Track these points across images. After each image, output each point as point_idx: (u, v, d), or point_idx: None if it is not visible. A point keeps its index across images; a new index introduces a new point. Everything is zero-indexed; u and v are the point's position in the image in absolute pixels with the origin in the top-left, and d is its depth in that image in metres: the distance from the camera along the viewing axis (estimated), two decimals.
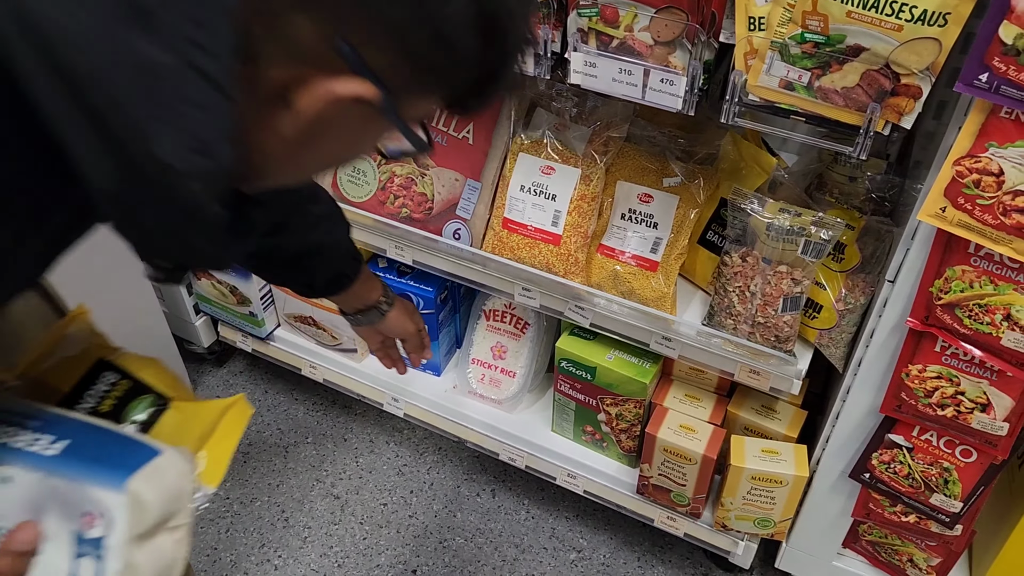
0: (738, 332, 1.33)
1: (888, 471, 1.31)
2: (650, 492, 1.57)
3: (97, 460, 0.68)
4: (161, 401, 0.79)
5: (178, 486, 0.69)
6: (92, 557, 0.66)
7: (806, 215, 1.23)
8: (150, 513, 0.67)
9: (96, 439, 0.70)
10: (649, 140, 1.45)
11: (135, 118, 0.48)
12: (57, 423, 0.70)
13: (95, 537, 0.66)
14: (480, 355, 1.72)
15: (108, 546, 0.66)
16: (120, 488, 0.66)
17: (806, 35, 0.96)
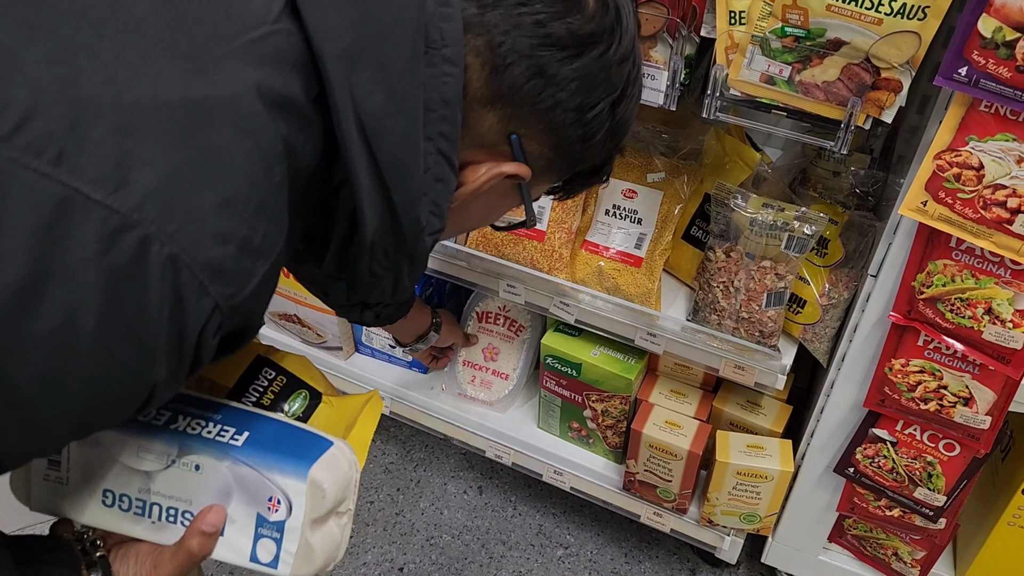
0: (722, 328, 1.33)
1: (872, 465, 1.31)
2: (636, 488, 1.57)
3: (279, 450, 0.74)
4: (315, 395, 0.87)
5: (348, 474, 0.75)
6: (271, 539, 0.73)
7: (789, 210, 1.23)
8: (327, 499, 0.72)
9: (274, 431, 0.76)
10: (632, 135, 1.44)
11: (410, 191, 0.65)
12: (235, 416, 0.77)
13: (276, 520, 0.73)
14: (471, 357, 1.71)
15: (288, 528, 0.73)
16: (303, 476, 0.72)
17: (786, 29, 0.96)
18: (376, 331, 1.76)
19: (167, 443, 0.74)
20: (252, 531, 0.74)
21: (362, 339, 1.81)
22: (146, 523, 0.75)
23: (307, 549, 0.73)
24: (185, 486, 0.74)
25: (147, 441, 0.74)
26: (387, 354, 1.80)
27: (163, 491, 0.74)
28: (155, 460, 0.74)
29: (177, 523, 0.74)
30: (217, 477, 0.73)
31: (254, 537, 0.74)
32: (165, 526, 0.74)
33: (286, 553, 0.73)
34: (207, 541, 0.72)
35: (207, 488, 0.74)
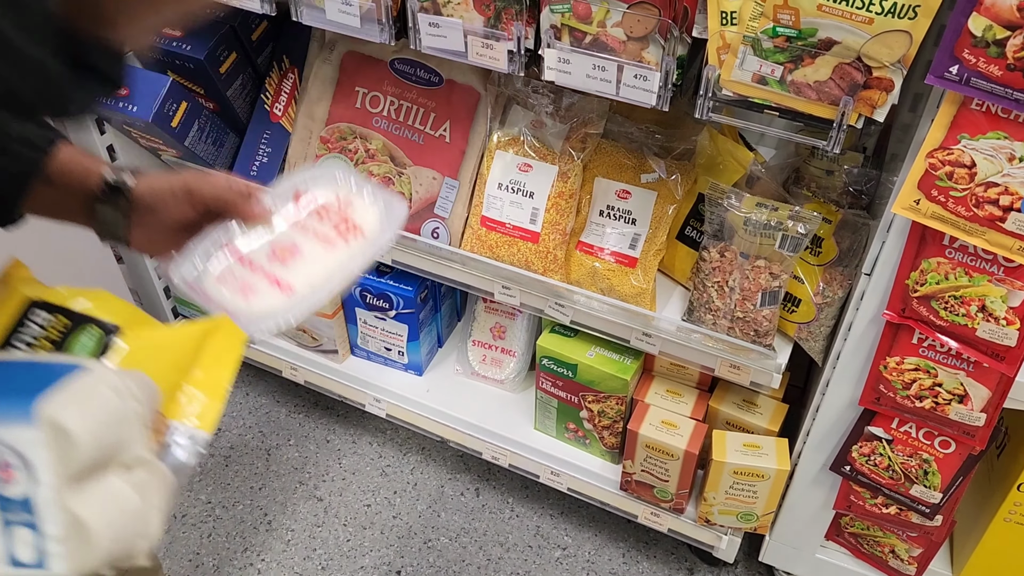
0: (718, 327, 1.33)
1: (868, 463, 1.31)
2: (633, 488, 1.57)
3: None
4: (110, 330, 0.63)
5: (115, 407, 0.54)
6: (24, 525, 0.51)
7: (783, 209, 1.23)
8: (80, 445, 0.51)
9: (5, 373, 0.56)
10: (626, 136, 1.44)
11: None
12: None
13: (20, 497, 0.51)
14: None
15: (39, 503, 0.51)
16: (28, 417, 0.50)
17: (778, 29, 0.96)
18: (371, 334, 1.76)
19: None
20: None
21: (358, 342, 1.81)
22: None
23: (79, 527, 0.51)
24: None
25: None
26: (382, 357, 1.80)
27: None
28: None
29: None
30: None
31: (2, 528, 0.52)
32: None
33: (51, 542, 0.51)
34: None
35: None
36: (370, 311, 1.72)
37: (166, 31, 1.53)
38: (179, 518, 1.78)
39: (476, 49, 1.16)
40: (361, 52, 1.51)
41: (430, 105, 1.48)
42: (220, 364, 0.59)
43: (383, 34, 1.20)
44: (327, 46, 1.54)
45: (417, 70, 1.47)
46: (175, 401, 0.63)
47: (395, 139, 1.50)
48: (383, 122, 1.50)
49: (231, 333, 0.63)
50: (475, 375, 1.76)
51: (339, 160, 1.53)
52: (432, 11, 1.15)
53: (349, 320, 1.77)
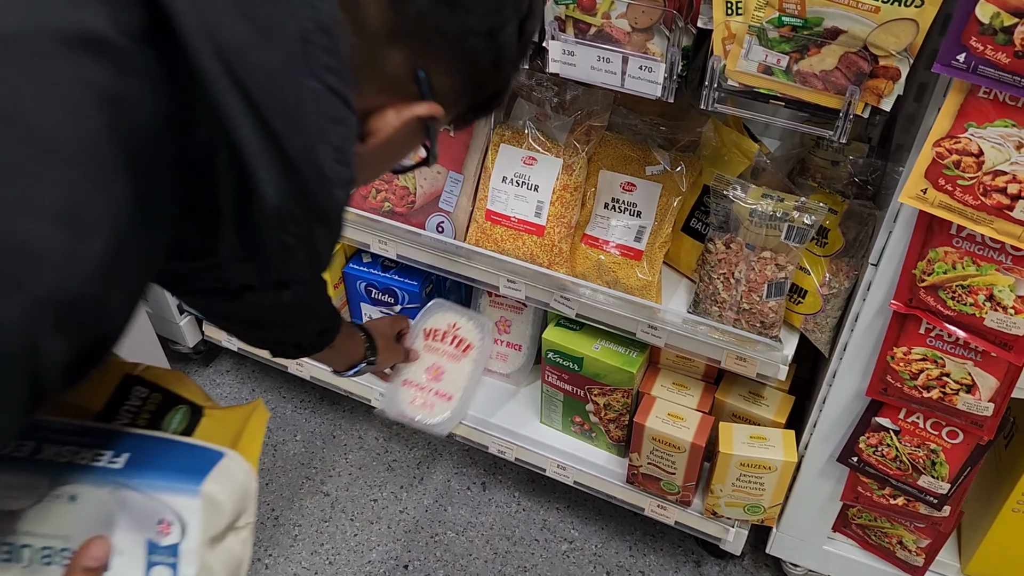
0: (724, 319, 1.33)
1: (876, 454, 1.31)
2: (640, 481, 1.57)
3: (164, 468, 0.68)
4: (196, 410, 0.79)
5: (244, 485, 0.70)
6: (165, 565, 0.66)
7: (789, 200, 1.23)
8: (224, 514, 0.67)
9: (155, 448, 0.70)
10: (631, 128, 1.44)
11: (306, 138, 0.54)
12: (111, 437, 0.69)
13: (169, 544, 0.66)
14: (412, 377, 1.53)
15: (183, 552, 0.66)
16: (195, 492, 0.66)
17: (784, 19, 0.96)
18: None
19: (34, 475, 0.66)
20: (143, 560, 0.66)
21: None
22: (15, 569, 0.66)
23: (208, 572, 0.67)
24: (60, 521, 0.65)
25: (9, 476, 0.66)
26: None
27: (34, 530, 0.65)
28: (21, 497, 0.65)
29: (53, 564, 0.66)
30: (97, 506, 0.66)
31: (146, 567, 0.66)
32: (39, 569, 0.66)
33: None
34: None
35: (86, 519, 0.65)
36: (375, 306, 1.72)
37: None
38: None
39: None
40: None
41: None
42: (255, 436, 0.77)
43: None
44: None
45: None
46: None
47: None
48: None
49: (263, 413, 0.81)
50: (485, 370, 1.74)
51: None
52: None
53: (354, 316, 1.77)
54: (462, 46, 0.63)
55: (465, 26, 0.62)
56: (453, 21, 0.61)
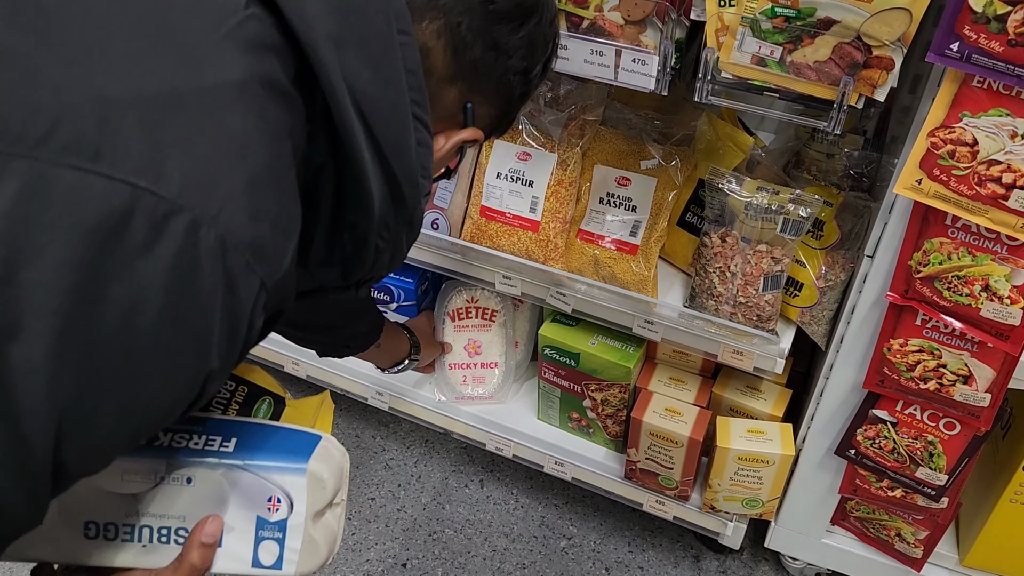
0: (720, 313, 1.33)
1: (873, 446, 1.31)
2: (638, 477, 1.56)
3: (272, 450, 0.73)
4: (279, 400, 0.87)
5: (340, 464, 0.76)
6: (273, 540, 0.72)
7: (784, 193, 1.23)
8: (327, 491, 0.73)
9: (259, 433, 0.76)
10: (625, 123, 1.44)
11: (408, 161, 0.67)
12: (217, 425, 0.75)
13: (278, 520, 0.72)
14: (455, 359, 1.69)
15: (290, 526, 0.72)
16: (302, 471, 0.72)
17: (776, 9, 0.96)
18: None
19: (153, 461, 0.72)
20: (252, 536, 0.72)
21: None
22: (135, 548, 0.72)
23: (311, 544, 0.73)
24: (177, 502, 0.72)
25: (130, 463, 0.71)
26: None
27: (153, 511, 0.72)
28: (142, 481, 0.71)
29: (170, 542, 0.72)
30: (211, 487, 0.72)
31: (255, 541, 0.72)
32: (156, 547, 0.72)
33: (290, 552, 0.72)
34: (207, 553, 0.70)
35: (201, 500, 0.72)
36: None
37: None
38: None
39: None
40: None
41: None
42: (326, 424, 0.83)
43: None
44: None
45: None
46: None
47: None
48: None
49: (330, 403, 0.88)
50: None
51: None
52: None
53: None
54: (502, 83, 0.77)
55: (507, 68, 0.76)
56: (498, 65, 0.75)
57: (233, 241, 0.53)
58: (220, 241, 0.52)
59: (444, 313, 1.68)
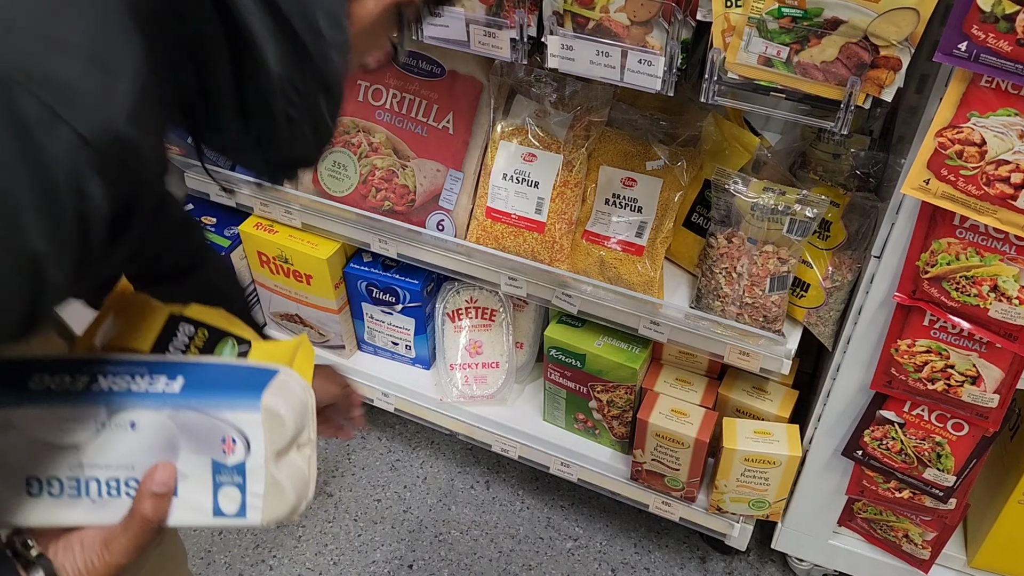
0: (726, 314, 1.33)
1: (881, 447, 1.31)
2: (644, 478, 1.56)
3: (222, 386, 0.66)
4: (244, 342, 0.78)
5: (303, 399, 0.69)
6: (233, 485, 0.65)
7: (790, 194, 1.22)
8: (286, 427, 0.66)
9: (210, 370, 0.69)
10: (631, 124, 1.44)
11: (302, 3, 0.54)
12: (164, 365, 0.68)
13: (235, 463, 0.65)
14: (456, 359, 1.70)
15: (249, 469, 0.65)
16: (255, 406, 0.65)
17: (783, 10, 0.95)
18: (378, 328, 1.76)
19: (91, 406, 0.65)
20: (210, 482, 0.65)
21: (364, 337, 1.80)
22: (85, 504, 0.65)
23: (276, 487, 0.66)
24: (122, 449, 0.65)
25: (68, 409, 0.65)
26: (389, 351, 1.79)
27: (98, 462, 0.65)
28: (82, 429, 0.64)
29: (121, 495, 0.65)
30: (158, 431, 0.65)
31: (213, 488, 0.65)
32: (108, 502, 0.65)
33: (253, 497, 0.65)
34: (160, 503, 0.64)
35: (148, 446, 0.65)
36: (377, 306, 1.71)
37: None
38: None
39: (478, 38, 1.15)
40: None
41: (432, 97, 1.47)
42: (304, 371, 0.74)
43: None
44: None
45: (419, 62, 1.47)
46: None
47: (398, 132, 1.49)
48: (386, 115, 1.50)
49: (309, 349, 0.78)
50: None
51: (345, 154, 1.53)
52: None
53: (355, 315, 1.77)
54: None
55: None
56: None
57: (18, 75, 0.42)
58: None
59: (443, 315, 1.68)
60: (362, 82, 1.50)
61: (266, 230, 1.67)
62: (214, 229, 1.74)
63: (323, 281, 1.66)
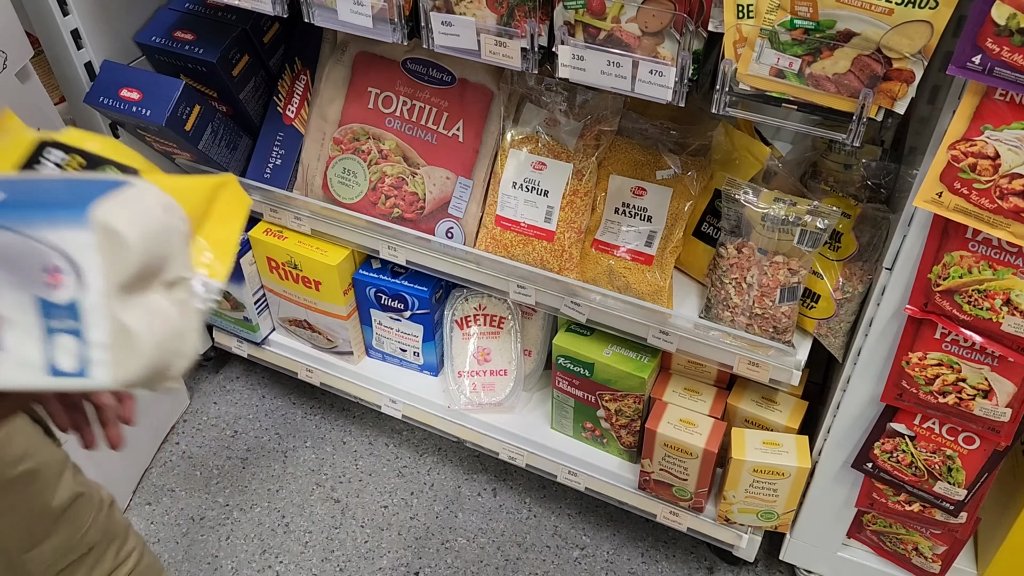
0: (736, 324, 1.32)
1: (891, 460, 1.30)
2: (652, 488, 1.56)
3: (47, 203, 0.51)
4: (129, 171, 0.62)
5: (163, 221, 0.53)
6: (67, 332, 0.50)
7: (801, 204, 1.22)
8: (131, 253, 0.51)
9: (40, 187, 0.53)
10: (641, 133, 1.43)
11: None
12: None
13: (66, 301, 0.50)
14: (464, 366, 1.70)
15: (86, 308, 0.50)
16: (82, 220, 0.49)
17: (796, 21, 0.95)
18: (387, 335, 1.76)
19: None
20: (38, 328, 0.50)
21: (372, 343, 1.80)
22: None
23: (124, 335, 0.51)
24: None
25: None
26: (398, 358, 1.79)
27: None
28: None
29: None
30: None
31: (44, 336, 0.51)
32: None
33: (96, 348, 0.50)
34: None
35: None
36: (385, 312, 1.71)
37: (178, 35, 1.53)
38: (196, 520, 1.78)
39: (489, 47, 1.15)
40: (373, 52, 1.50)
41: (443, 104, 1.47)
42: (228, 221, 0.57)
43: (395, 34, 1.19)
44: (339, 47, 1.53)
45: (430, 69, 1.47)
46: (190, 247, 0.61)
47: (408, 139, 1.50)
48: (396, 122, 1.50)
49: (237, 194, 0.60)
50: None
51: (355, 160, 1.53)
52: (444, 9, 1.14)
53: (364, 322, 1.77)
54: None
55: None
56: None
57: None
58: None
59: (452, 322, 1.68)
60: (372, 89, 1.51)
61: (275, 236, 1.67)
62: None
63: (332, 287, 1.66)
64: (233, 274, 1.73)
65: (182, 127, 1.48)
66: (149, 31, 1.56)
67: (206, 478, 1.87)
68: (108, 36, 1.51)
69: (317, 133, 1.57)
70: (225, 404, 2.02)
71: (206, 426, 1.97)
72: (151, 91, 1.45)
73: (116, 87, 1.47)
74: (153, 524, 1.78)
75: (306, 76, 1.61)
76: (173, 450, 1.92)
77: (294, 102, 1.61)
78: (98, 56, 1.50)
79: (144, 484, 1.85)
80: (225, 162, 1.61)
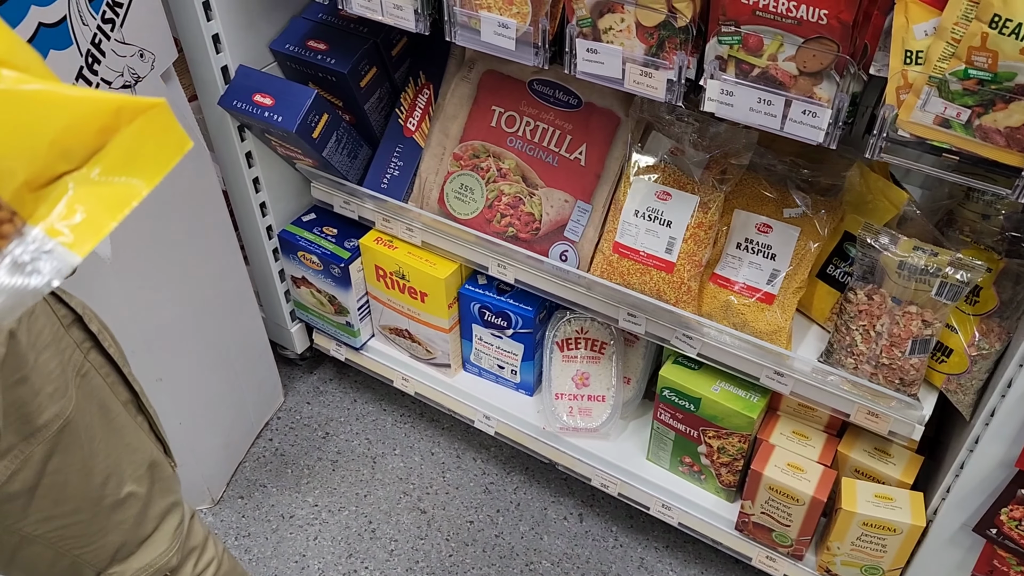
0: (859, 372, 1.28)
1: (1018, 528, 1.24)
2: (751, 530, 1.52)
3: None
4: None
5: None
6: None
7: (943, 255, 1.17)
8: None
9: None
10: (767, 168, 1.40)
11: None
12: None
13: None
14: (562, 388, 1.69)
15: None
16: None
17: (970, 71, 0.91)
18: (485, 350, 1.76)
19: None
20: None
21: (470, 358, 1.81)
22: None
23: None
24: None
25: None
26: (494, 374, 1.79)
27: None
28: None
29: None
30: None
31: None
32: None
33: None
34: None
35: None
36: (487, 328, 1.72)
37: (311, 44, 1.56)
38: (287, 518, 1.81)
39: (633, 77, 1.14)
40: (500, 72, 1.51)
41: (567, 127, 1.47)
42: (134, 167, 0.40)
43: (537, 58, 1.19)
44: (466, 64, 1.55)
45: (556, 92, 1.47)
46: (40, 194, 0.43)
47: (528, 159, 1.50)
48: (517, 142, 1.50)
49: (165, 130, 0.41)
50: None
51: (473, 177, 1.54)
52: (591, 37, 1.14)
53: (464, 336, 1.77)
54: None
55: None
56: None
57: None
58: None
59: (553, 344, 1.67)
60: (497, 107, 1.51)
61: (386, 245, 1.69)
62: (335, 240, 1.77)
63: (438, 300, 1.68)
64: (341, 279, 1.76)
65: (310, 134, 1.51)
66: (283, 39, 1.59)
67: (297, 477, 1.90)
68: (245, 42, 1.55)
69: (437, 148, 1.58)
70: (318, 405, 2.05)
71: (299, 425, 2.01)
72: (283, 98, 1.49)
73: (250, 92, 1.51)
74: (244, 518, 1.82)
75: (429, 90, 1.63)
76: (267, 446, 1.96)
77: (415, 115, 1.63)
78: (233, 61, 1.55)
79: (237, 477, 1.89)
80: (345, 170, 1.64)
